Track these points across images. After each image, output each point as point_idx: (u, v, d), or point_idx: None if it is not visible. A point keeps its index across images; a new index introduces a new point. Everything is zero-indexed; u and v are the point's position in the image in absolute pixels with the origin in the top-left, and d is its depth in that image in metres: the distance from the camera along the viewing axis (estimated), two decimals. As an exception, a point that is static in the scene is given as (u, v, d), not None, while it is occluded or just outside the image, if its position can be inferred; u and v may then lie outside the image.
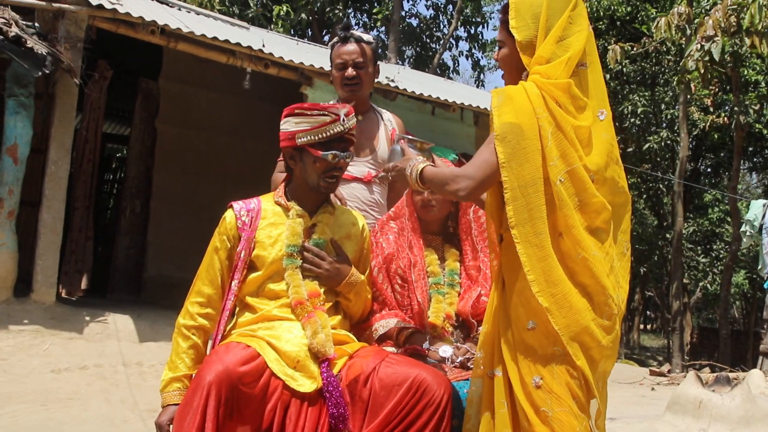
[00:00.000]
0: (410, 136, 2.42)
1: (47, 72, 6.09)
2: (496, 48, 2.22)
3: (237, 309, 2.46)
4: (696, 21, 9.47)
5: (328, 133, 2.39)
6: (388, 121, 3.27)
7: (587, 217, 1.99)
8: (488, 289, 2.68)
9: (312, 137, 2.39)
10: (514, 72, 2.14)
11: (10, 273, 6.42)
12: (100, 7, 6.56)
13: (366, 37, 3.15)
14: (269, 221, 2.43)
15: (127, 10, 6.73)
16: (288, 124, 2.44)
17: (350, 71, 3.07)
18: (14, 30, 5.92)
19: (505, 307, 2.06)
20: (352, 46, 3.09)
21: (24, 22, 6.26)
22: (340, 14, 16.89)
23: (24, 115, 6.52)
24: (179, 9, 8.89)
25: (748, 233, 11.33)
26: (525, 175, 1.93)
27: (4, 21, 5.96)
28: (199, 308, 2.39)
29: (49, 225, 6.66)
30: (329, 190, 2.47)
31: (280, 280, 2.38)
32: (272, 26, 14.93)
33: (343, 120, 2.41)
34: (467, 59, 20.83)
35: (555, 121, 1.97)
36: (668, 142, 16.79)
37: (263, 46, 7.64)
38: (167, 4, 8.77)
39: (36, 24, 6.64)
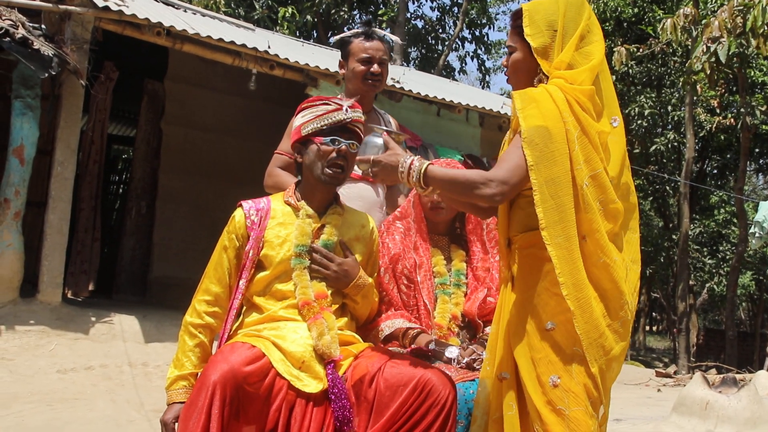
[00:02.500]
0: (385, 128, 2.32)
1: (53, 73, 6.11)
2: (505, 52, 2.21)
3: (244, 308, 2.46)
4: (702, 22, 9.45)
5: (329, 120, 2.41)
6: (388, 123, 3.26)
7: (608, 222, 1.99)
8: (495, 290, 2.68)
9: (315, 125, 2.42)
10: (525, 76, 2.14)
11: (16, 274, 6.44)
12: (106, 8, 6.59)
13: (389, 36, 3.21)
14: (278, 221, 2.43)
15: (133, 11, 6.75)
16: (296, 120, 2.50)
17: (376, 67, 3.09)
18: (21, 32, 5.94)
19: (518, 308, 2.06)
20: (377, 43, 3.12)
21: (31, 24, 6.29)
22: (345, 16, 16.91)
23: (30, 117, 6.54)
24: (185, 11, 8.91)
25: (757, 234, 11.30)
26: (554, 176, 1.92)
27: (11, 23, 5.98)
28: (206, 306, 2.39)
29: (55, 226, 6.68)
30: (334, 180, 2.43)
31: (288, 280, 2.37)
32: (277, 28, 14.95)
33: (346, 110, 2.43)
34: (472, 60, 20.83)
35: (581, 126, 1.97)
36: (674, 143, 16.76)
37: (269, 47, 7.65)
38: (173, 6, 8.80)
39: (42, 26, 6.67)
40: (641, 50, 13.95)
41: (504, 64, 2.20)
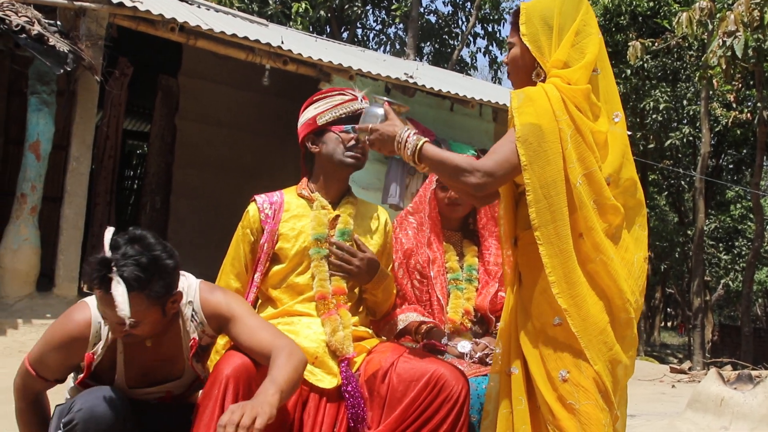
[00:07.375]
0: (386, 98, 2.25)
1: (69, 69, 6.15)
2: (506, 49, 2.21)
3: (259, 302, 2.47)
4: (718, 16, 9.35)
5: (348, 110, 2.44)
6: None
7: (604, 220, 1.99)
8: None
9: (333, 114, 2.44)
10: (523, 74, 2.14)
11: (32, 268, 6.50)
12: (121, 5, 6.61)
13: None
14: (292, 213, 2.43)
15: (147, 7, 6.77)
16: (308, 112, 2.49)
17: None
18: (37, 28, 5.98)
19: (525, 304, 2.05)
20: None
21: (46, 21, 6.33)
22: (359, 11, 16.90)
23: (46, 112, 6.60)
24: (198, 6, 8.94)
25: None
26: (547, 177, 1.93)
27: (27, 19, 6.02)
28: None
29: (70, 220, 6.73)
30: (356, 164, 2.44)
31: (305, 271, 2.37)
32: (291, 23, 14.97)
33: (361, 100, 2.46)
34: (484, 56, 20.79)
35: (575, 124, 1.97)
36: (690, 138, 16.64)
37: (282, 42, 7.66)
38: (187, 2, 8.83)
39: (58, 22, 6.71)
40: (656, 44, 13.82)
41: (504, 62, 2.21)
